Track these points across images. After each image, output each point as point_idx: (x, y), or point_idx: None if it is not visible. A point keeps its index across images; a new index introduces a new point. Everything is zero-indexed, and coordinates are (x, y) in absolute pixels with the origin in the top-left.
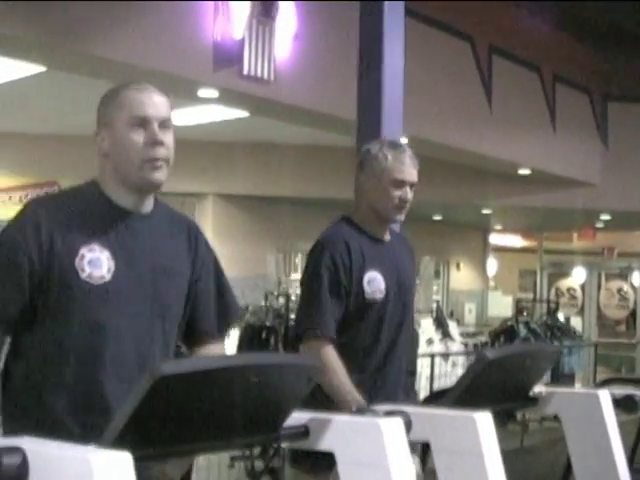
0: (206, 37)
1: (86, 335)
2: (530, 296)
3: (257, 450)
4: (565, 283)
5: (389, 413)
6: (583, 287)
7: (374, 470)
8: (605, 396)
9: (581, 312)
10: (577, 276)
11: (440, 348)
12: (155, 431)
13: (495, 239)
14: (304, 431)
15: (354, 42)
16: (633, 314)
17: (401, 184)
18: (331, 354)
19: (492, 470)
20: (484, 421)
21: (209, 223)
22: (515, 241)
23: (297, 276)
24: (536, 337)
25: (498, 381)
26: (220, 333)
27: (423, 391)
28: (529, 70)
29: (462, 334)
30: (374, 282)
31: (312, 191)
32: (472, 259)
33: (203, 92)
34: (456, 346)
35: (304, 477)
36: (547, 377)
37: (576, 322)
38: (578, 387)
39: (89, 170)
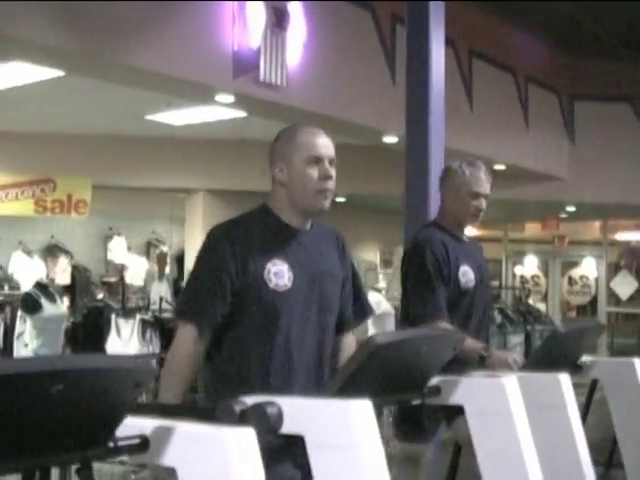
0: (225, 46)
1: (272, 328)
2: (495, 284)
3: None
4: (530, 271)
5: (257, 405)
6: (547, 274)
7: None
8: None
9: (545, 299)
10: (529, 264)
11: None
12: None
13: None
14: (141, 442)
15: (360, 49)
16: (594, 300)
17: (477, 196)
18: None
19: (373, 465)
20: (364, 410)
21: (199, 218)
22: (477, 231)
23: None
24: (511, 323)
25: (393, 368)
26: (355, 325)
27: None
28: (505, 72)
29: None
30: (466, 274)
31: None
32: None
33: (220, 97)
34: None
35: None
36: None
37: (540, 308)
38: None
39: (82, 167)
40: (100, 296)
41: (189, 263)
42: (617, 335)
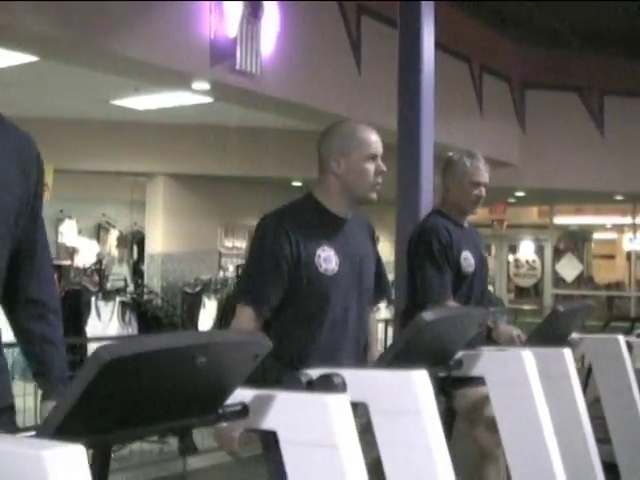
0: (203, 35)
1: (322, 309)
2: None
3: None
4: None
5: (324, 376)
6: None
7: (320, 449)
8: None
9: (491, 281)
10: None
11: (386, 314)
12: (98, 417)
13: None
14: (242, 410)
15: (327, 39)
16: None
17: (478, 185)
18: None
19: (431, 429)
20: (421, 379)
21: (160, 201)
22: None
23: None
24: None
25: (431, 343)
26: (376, 304)
27: None
28: (461, 61)
29: None
30: (467, 259)
31: (255, 170)
32: (391, 234)
33: (197, 85)
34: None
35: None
36: None
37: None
38: None
39: (45, 151)
40: None
41: (150, 247)
42: None
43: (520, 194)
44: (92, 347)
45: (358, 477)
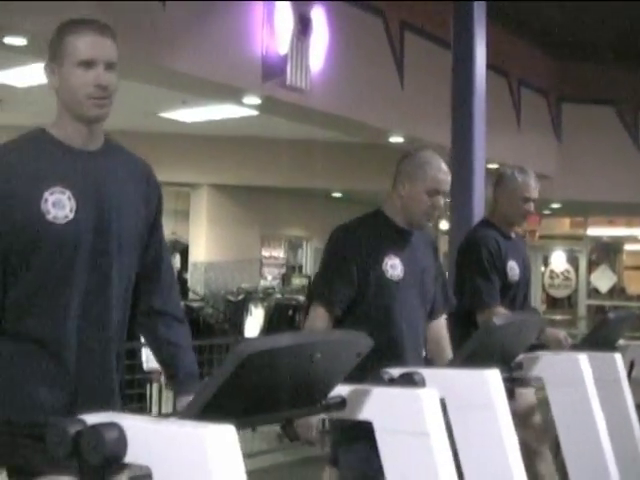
0: (255, 52)
1: (388, 310)
2: None
3: None
4: None
5: (405, 374)
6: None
7: (412, 437)
8: None
9: None
10: None
11: None
12: (231, 405)
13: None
14: (341, 402)
15: (371, 54)
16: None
17: (527, 200)
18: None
19: (504, 424)
20: (494, 378)
21: (203, 211)
22: None
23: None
24: None
25: (497, 346)
26: (444, 313)
27: None
28: (499, 75)
29: None
30: (513, 269)
31: (296, 182)
32: None
33: (248, 99)
34: None
35: None
36: None
37: None
38: None
39: None
40: None
41: (194, 255)
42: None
43: (556, 206)
44: (145, 352)
45: (446, 461)
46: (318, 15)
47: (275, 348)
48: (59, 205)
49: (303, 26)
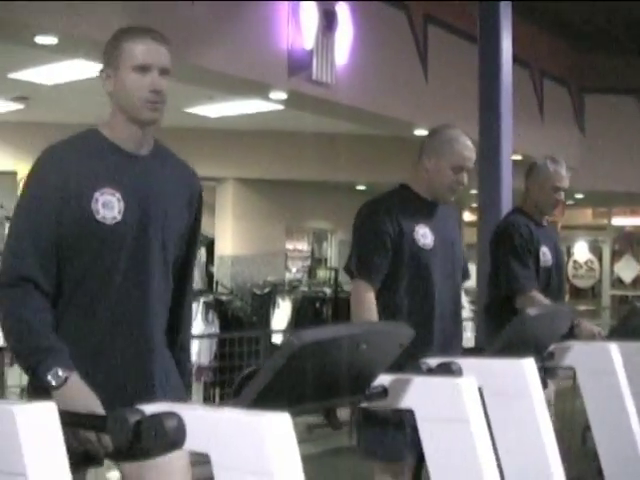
0: (280, 47)
1: (423, 276)
2: None
3: None
4: None
5: (443, 364)
6: None
7: (453, 424)
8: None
9: None
10: None
11: None
12: (282, 393)
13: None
14: (382, 391)
15: (395, 48)
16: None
17: (558, 189)
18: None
19: (540, 411)
20: (530, 366)
21: (229, 205)
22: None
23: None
24: None
25: (531, 335)
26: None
27: None
28: (522, 67)
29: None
30: (545, 254)
31: (320, 175)
32: None
33: (274, 94)
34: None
35: None
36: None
37: None
38: None
39: None
40: None
41: (220, 249)
42: (615, 317)
43: (579, 196)
44: None
45: (486, 447)
46: (342, 10)
47: (325, 339)
48: (108, 206)
49: (328, 21)
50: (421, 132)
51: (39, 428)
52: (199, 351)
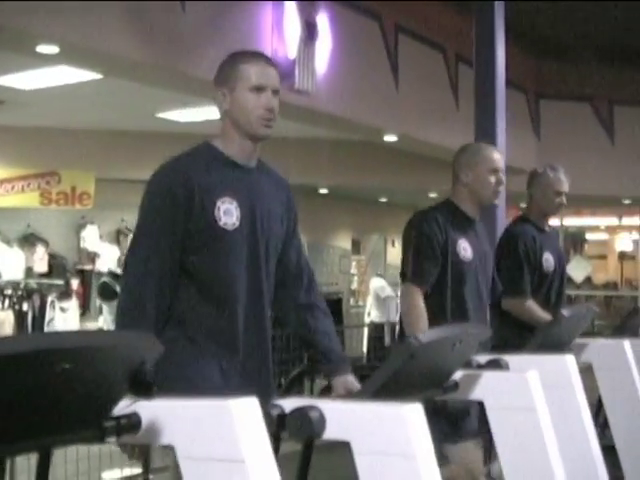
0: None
1: (459, 286)
2: None
3: None
4: None
5: (491, 361)
6: None
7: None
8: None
9: None
10: None
11: None
12: (392, 388)
13: None
14: (454, 384)
15: (368, 57)
16: None
17: (559, 194)
18: (534, 304)
19: (581, 400)
20: (571, 361)
21: None
22: None
23: None
24: None
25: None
26: None
27: None
28: None
29: None
30: (548, 260)
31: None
32: None
33: None
34: None
35: None
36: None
37: None
38: None
39: (86, 161)
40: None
41: None
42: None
43: None
44: None
45: (550, 433)
46: (322, 20)
47: (437, 340)
48: (228, 214)
49: (309, 31)
50: (391, 138)
51: (250, 419)
52: None
